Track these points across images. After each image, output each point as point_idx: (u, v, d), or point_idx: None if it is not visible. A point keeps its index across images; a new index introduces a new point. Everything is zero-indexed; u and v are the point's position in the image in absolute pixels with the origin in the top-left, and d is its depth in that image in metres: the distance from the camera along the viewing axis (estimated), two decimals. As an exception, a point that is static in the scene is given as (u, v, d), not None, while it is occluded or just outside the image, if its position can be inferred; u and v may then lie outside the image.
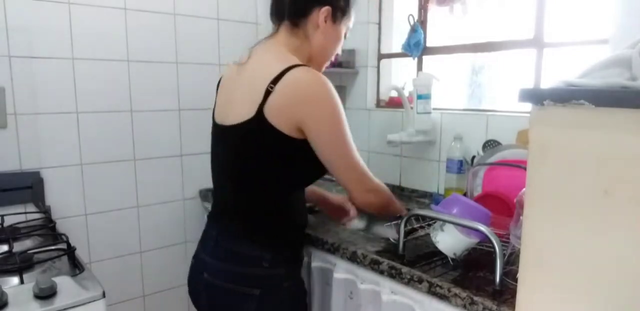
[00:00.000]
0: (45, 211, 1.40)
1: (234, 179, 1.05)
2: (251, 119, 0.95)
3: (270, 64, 0.96)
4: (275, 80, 0.92)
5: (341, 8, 1.04)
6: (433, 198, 1.59)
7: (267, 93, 0.93)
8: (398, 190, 1.75)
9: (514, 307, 0.75)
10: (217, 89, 1.15)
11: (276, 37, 1.03)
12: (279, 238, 1.07)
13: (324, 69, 1.13)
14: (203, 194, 1.79)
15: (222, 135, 1.07)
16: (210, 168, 1.14)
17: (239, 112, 0.98)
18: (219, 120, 1.07)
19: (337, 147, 0.97)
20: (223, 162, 1.08)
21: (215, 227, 1.10)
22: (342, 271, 1.13)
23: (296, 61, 0.97)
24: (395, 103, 1.81)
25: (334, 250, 1.15)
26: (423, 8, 1.70)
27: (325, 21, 1.02)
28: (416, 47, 1.67)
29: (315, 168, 1.02)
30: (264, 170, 1.00)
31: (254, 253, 1.02)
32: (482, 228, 0.90)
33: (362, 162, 1.01)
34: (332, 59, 1.13)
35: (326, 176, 1.09)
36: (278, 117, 0.93)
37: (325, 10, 1.00)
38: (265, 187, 1.02)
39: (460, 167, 1.48)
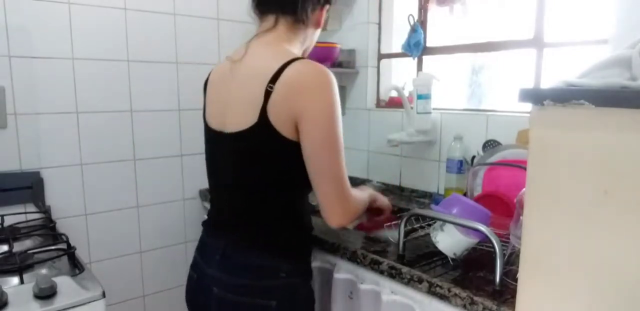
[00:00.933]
0: (45, 211, 1.40)
1: (242, 187, 0.99)
2: (254, 125, 0.90)
3: (268, 61, 0.91)
4: (274, 79, 0.87)
5: (330, 5, 1.05)
6: (433, 198, 1.59)
7: (267, 94, 0.87)
8: (398, 190, 1.75)
9: (514, 307, 0.75)
10: (205, 88, 1.10)
11: (275, 31, 0.98)
12: (294, 246, 1.03)
13: None
14: (203, 194, 1.79)
15: (222, 143, 1.01)
16: (207, 172, 1.10)
17: (239, 119, 0.93)
18: (215, 126, 1.02)
19: (327, 147, 0.90)
20: (225, 170, 1.02)
21: (221, 238, 1.03)
22: (342, 271, 1.13)
23: (295, 55, 0.93)
24: (395, 103, 1.81)
25: (334, 250, 1.15)
26: (423, 8, 1.70)
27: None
28: (416, 47, 1.67)
29: None
30: (273, 177, 0.96)
31: (271, 264, 0.98)
32: (482, 228, 0.90)
33: (346, 176, 0.94)
34: None
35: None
36: (280, 118, 0.88)
37: (326, 8, 1.02)
38: (275, 194, 0.98)
39: (460, 167, 1.48)
